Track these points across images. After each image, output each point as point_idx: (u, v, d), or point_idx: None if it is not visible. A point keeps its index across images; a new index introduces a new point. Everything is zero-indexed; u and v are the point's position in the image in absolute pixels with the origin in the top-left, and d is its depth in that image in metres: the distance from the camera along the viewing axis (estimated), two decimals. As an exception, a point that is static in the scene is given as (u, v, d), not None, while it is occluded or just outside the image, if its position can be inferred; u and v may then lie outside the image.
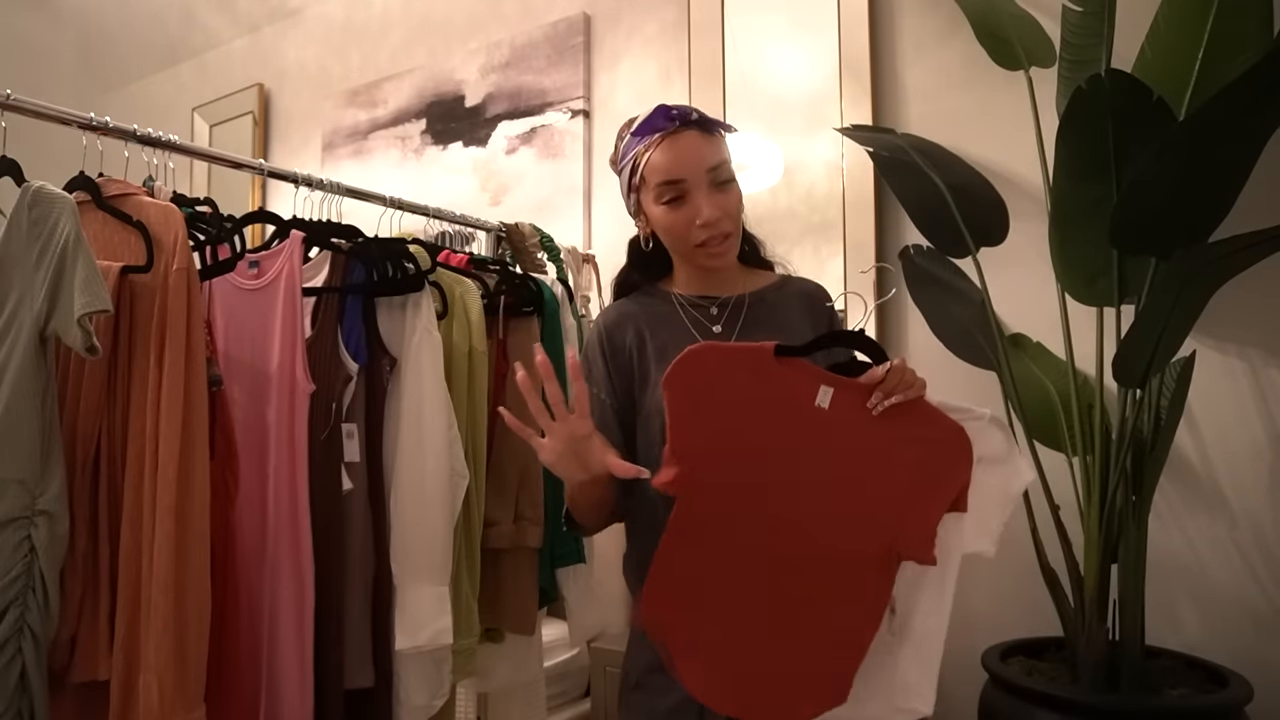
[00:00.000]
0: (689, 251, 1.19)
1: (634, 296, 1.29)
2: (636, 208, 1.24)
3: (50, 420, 1.19)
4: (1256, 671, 1.41)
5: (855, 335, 1.10)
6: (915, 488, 1.04)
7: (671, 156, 1.16)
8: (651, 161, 1.17)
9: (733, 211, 1.18)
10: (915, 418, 1.05)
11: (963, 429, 1.05)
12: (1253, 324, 1.57)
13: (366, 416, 1.53)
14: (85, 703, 1.24)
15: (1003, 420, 1.08)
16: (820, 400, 1.05)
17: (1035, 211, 1.68)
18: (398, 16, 3.02)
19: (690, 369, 1.05)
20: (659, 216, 1.19)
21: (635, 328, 1.24)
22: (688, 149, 1.16)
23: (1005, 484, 1.09)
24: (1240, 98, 1.15)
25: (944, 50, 1.90)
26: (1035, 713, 1.35)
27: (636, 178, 1.21)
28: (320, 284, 1.57)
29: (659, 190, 1.17)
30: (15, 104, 1.33)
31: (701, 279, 1.25)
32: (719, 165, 1.17)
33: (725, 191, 1.17)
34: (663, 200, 1.17)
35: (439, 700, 1.54)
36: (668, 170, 1.16)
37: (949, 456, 1.05)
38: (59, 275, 1.17)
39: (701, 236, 1.16)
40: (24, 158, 1.30)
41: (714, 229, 1.16)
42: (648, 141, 1.18)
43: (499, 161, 2.71)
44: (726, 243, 1.18)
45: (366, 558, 1.48)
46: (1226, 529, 1.58)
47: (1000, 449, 1.07)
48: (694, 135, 1.16)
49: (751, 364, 1.05)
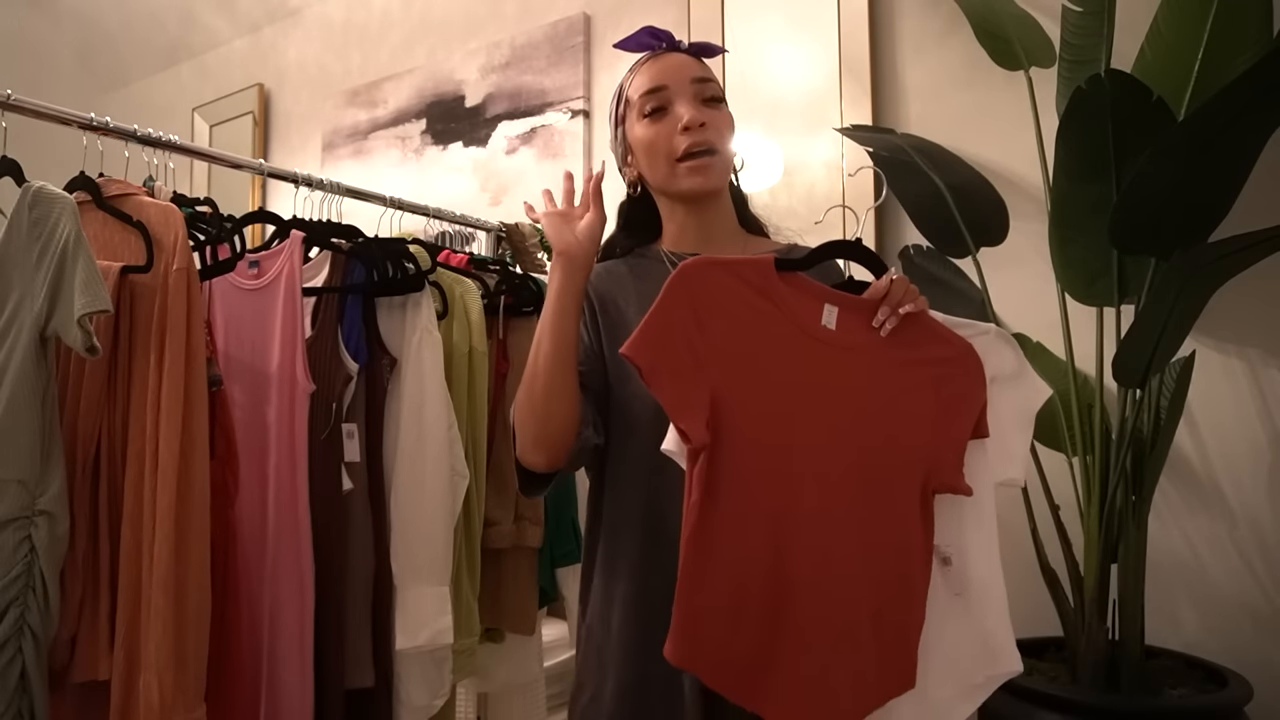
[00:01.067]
0: (670, 171, 1.09)
1: (622, 258, 1.18)
2: (624, 149, 1.16)
3: (50, 420, 1.19)
4: (1256, 671, 1.41)
5: (852, 245, 1.01)
6: (938, 411, 0.95)
7: (655, 69, 1.11)
8: (635, 83, 1.12)
9: (721, 129, 1.09)
10: (925, 336, 0.97)
11: (972, 346, 0.98)
12: (1253, 324, 1.57)
13: (366, 416, 1.53)
14: (85, 703, 1.24)
15: (1008, 334, 1.01)
16: (826, 320, 0.96)
17: (1035, 211, 1.68)
18: (398, 16, 3.02)
19: (693, 283, 0.93)
20: (641, 135, 1.10)
21: (621, 285, 1.13)
22: (672, 61, 1.11)
23: (1023, 402, 1.01)
24: (1240, 98, 1.15)
25: (944, 50, 1.90)
26: (1035, 713, 1.35)
27: (622, 105, 1.14)
28: (320, 284, 1.57)
29: (641, 102, 1.10)
30: (15, 104, 1.33)
31: (694, 229, 1.14)
32: (707, 80, 1.10)
33: (713, 108, 1.09)
34: (645, 114, 1.10)
35: (439, 700, 1.54)
36: (650, 79, 1.10)
37: (966, 375, 0.97)
38: (59, 275, 1.17)
39: (683, 144, 1.07)
40: (24, 158, 1.30)
41: (697, 134, 1.06)
42: (633, 65, 1.14)
43: (499, 161, 2.71)
44: (712, 159, 1.08)
45: (366, 558, 1.48)
46: (1226, 529, 1.58)
47: (1012, 365, 1.00)
48: (680, 55, 1.12)
49: (754, 279, 0.95)
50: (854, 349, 0.96)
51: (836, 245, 1.03)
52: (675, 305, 0.92)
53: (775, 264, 0.96)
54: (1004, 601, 0.98)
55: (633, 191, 1.18)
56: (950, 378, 0.96)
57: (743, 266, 0.96)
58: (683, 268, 0.94)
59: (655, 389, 0.91)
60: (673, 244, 1.15)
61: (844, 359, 0.95)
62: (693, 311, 0.92)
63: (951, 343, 0.97)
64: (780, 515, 0.91)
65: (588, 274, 1.04)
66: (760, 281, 0.95)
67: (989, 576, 0.98)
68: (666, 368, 0.91)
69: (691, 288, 0.93)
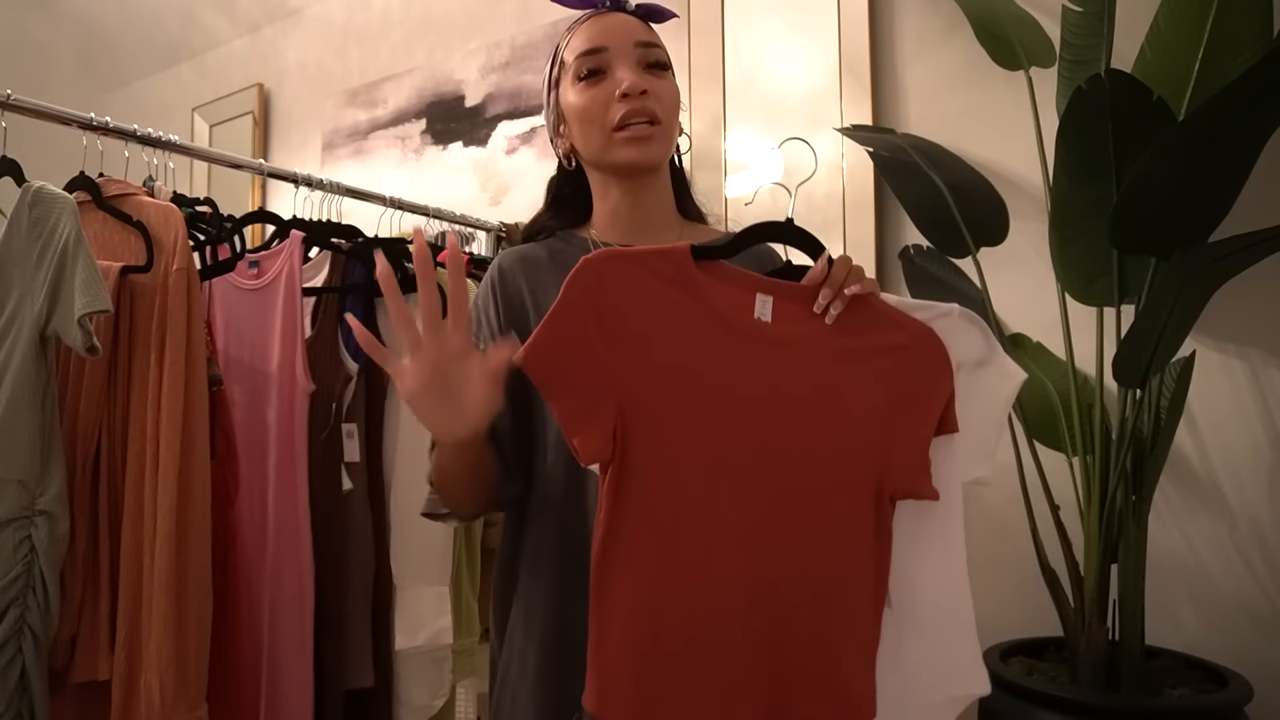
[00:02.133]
0: (606, 141, 0.97)
1: (543, 240, 1.05)
2: (556, 116, 1.04)
3: (50, 420, 1.19)
4: (1256, 671, 1.41)
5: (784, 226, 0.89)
6: (893, 407, 0.84)
7: (594, 29, 0.99)
8: (572, 44, 1.00)
9: (666, 98, 0.98)
10: (875, 322, 0.86)
11: (933, 330, 0.87)
12: (1253, 324, 1.57)
13: (366, 416, 1.53)
14: (85, 703, 1.24)
15: (974, 314, 0.89)
16: (760, 312, 0.84)
17: (1035, 211, 1.68)
18: (398, 16, 3.02)
19: (590, 285, 0.81)
20: (574, 102, 0.99)
21: (536, 276, 1.00)
22: (614, 21, 1.00)
23: (993, 389, 0.90)
24: (1240, 98, 1.14)
25: (944, 50, 1.90)
26: (1035, 713, 1.35)
27: (556, 69, 1.03)
28: (320, 284, 1.57)
29: (577, 64, 0.98)
30: (15, 104, 1.33)
31: (627, 215, 1.02)
32: (652, 44, 1.00)
33: (657, 76, 0.98)
34: (580, 77, 0.98)
35: (439, 700, 1.54)
36: (588, 40, 0.99)
37: (924, 365, 0.86)
38: (59, 275, 1.17)
39: (620, 112, 0.95)
40: (24, 158, 1.30)
41: (635, 102, 0.95)
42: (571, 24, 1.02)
43: (499, 161, 2.71)
44: (653, 130, 0.96)
45: (366, 558, 1.48)
46: (1226, 529, 1.58)
47: (980, 348, 0.89)
48: (625, 16, 1.01)
49: (669, 272, 0.83)
50: (792, 343, 0.85)
51: (762, 227, 0.90)
52: (574, 307, 0.81)
53: (692, 252, 0.85)
54: (970, 617, 0.89)
55: (566, 165, 1.06)
56: (906, 367, 0.85)
57: (652, 258, 0.84)
58: (582, 264, 0.82)
59: (550, 401, 0.81)
60: (603, 229, 1.04)
61: (780, 355, 0.84)
62: (594, 313, 0.81)
63: (907, 328, 0.86)
64: (699, 540, 0.81)
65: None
66: (675, 274, 0.84)
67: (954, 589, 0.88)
68: (564, 379, 0.81)
69: (592, 286, 0.82)
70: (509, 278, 1.01)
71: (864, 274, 0.86)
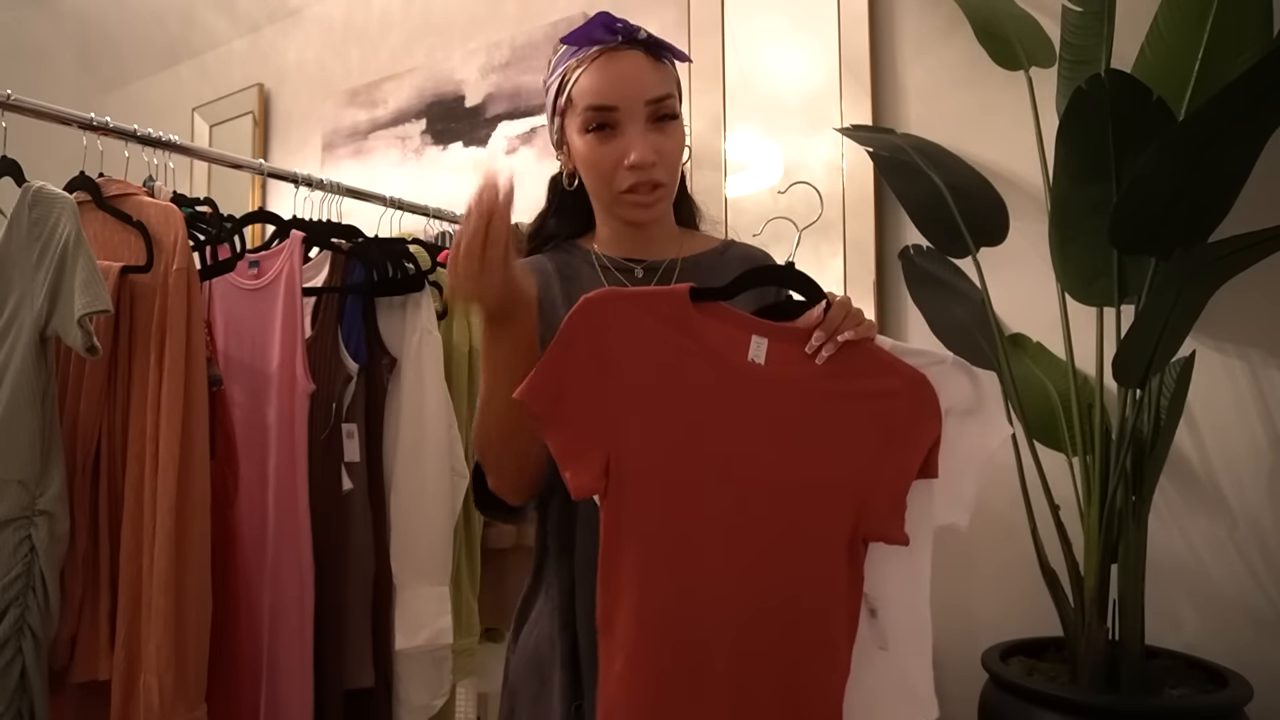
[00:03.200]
0: (611, 198, 1.00)
1: (549, 252, 1.09)
2: (560, 136, 1.05)
3: (50, 420, 1.19)
4: (1256, 671, 1.41)
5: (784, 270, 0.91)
6: (878, 451, 0.87)
7: (606, 78, 0.97)
8: (581, 83, 0.98)
9: (670, 158, 0.99)
10: (868, 366, 0.88)
11: (925, 377, 0.88)
12: (1253, 324, 1.57)
13: (366, 416, 1.53)
14: (85, 703, 1.25)
15: (967, 363, 0.92)
16: (754, 354, 0.87)
17: (1035, 211, 1.68)
18: (398, 16, 3.02)
19: (590, 323, 0.85)
20: (582, 149, 1.00)
21: (547, 285, 1.03)
22: (627, 72, 0.97)
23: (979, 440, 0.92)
24: (1240, 98, 1.14)
25: (944, 50, 1.90)
26: (1035, 713, 1.35)
27: (563, 99, 1.01)
28: (320, 284, 1.57)
29: (586, 116, 0.98)
30: (15, 104, 1.33)
31: (628, 238, 1.05)
32: (663, 98, 0.98)
33: (665, 131, 0.99)
34: (589, 129, 0.98)
35: (439, 700, 1.54)
36: (599, 93, 0.97)
37: (913, 410, 0.88)
38: (59, 275, 1.17)
39: (628, 181, 0.97)
40: (24, 158, 1.31)
41: (643, 174, 0.97)
42: (581, 56, 0.99)
43: (499, 161, 2.71)
44: (655, 194, 0.99)
45: (366, 558, 1.48)
46: (1226, 529, 1.58)
47: (969, 398, 0.91)
48: (638, 57, 0.98)
49: (667, 313, 0.86)
50: (785, 384, 0.87)
51: (762, 272, 0.94)
52: (574, 345, 0.85)
53: (690, 294, 0.87)
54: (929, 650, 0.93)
55: (568, 184, 1.07)
56: (895, 412, 0.87)
57: (653, 300, 0.87)
58: (583, 303, 0.86)
59: (546, 435, 0.85)
60: (605, 244, 1.07)
61: (772, 396, 0.87)
62: (593, 352, 0.85)
63: (899, 373, 0.88)
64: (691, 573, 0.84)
65: (531, 319, 0.91)
66: (672, 314, 0.86)
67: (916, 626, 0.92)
68: (559, 416, 0.85)
69: (593, 325, 0.85)
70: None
71: (862, 317, 0.88)
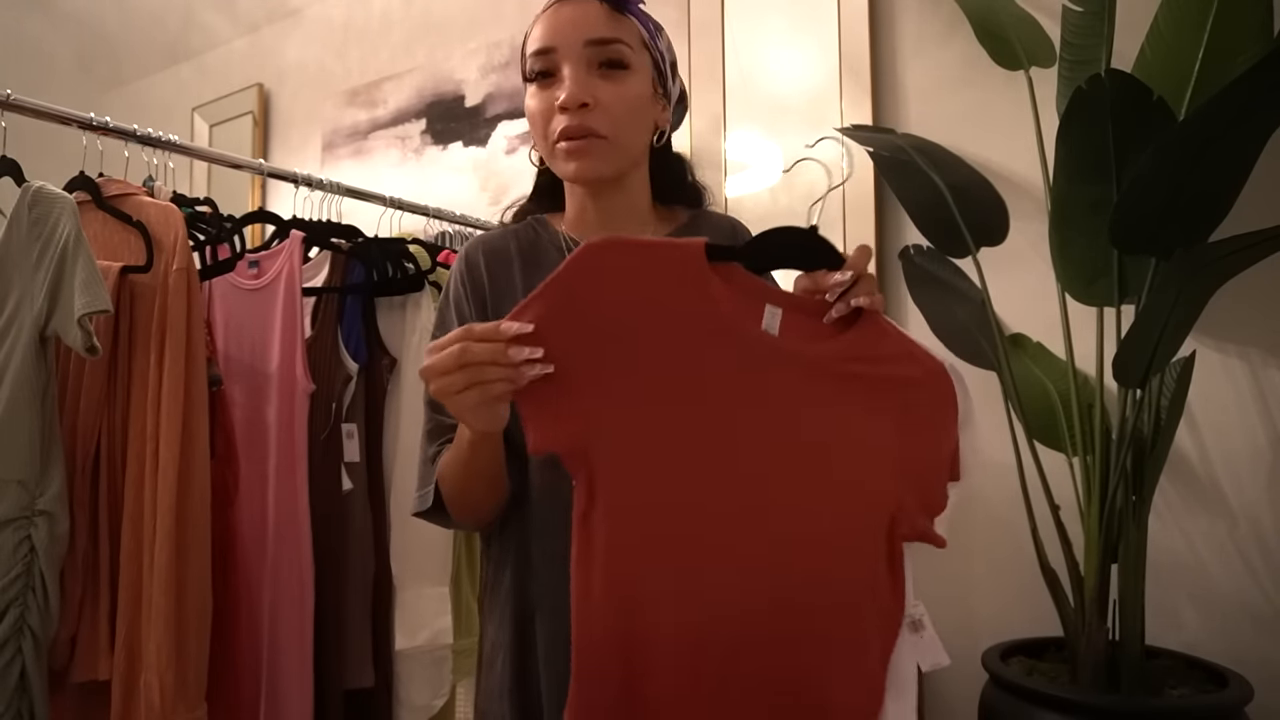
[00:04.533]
0: (549, 154, 0.92)
1: (514, 229, 1.01)
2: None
3: (50, 420, 1.19)
4: (1256, 671, 1.41)
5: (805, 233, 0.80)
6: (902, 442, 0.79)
7: (550, 23, 0.90)
8: (531, 34, 0.93)
9: (613, 108, 0.88)
10: (888, 349, 0.80)
11: (944, 368, 0.81)
12: (1253, 324, 1.57)
13: (366, 416, 1.53)
14: (85, 703, 1.25)
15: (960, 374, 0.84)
16: (768, 324, 0.78)
17: (1035, 211, 1.68)
18: (398, 16, 3.02)
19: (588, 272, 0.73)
20: (527, 104, 0.93)
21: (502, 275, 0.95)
22: (572, 15, 0.89)
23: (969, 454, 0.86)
24: (1240, 98, 1.14)
25: (944, 50, 1.90)
26: (1035, 713, 1.35)
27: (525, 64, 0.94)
28: (320, 284, 1.57)
29: (528, 65, 0.92)
30: (15, 104, 1.33)
31: (591, 213, 0.96)
32: (608, 41, 0.88)
33: (611, 79, 0.89)
34: (530, 79, 0.92)
35: (439, 700, 1.54)
36: (540, 37, 0.90)
37: (935, 403, 0.80)
38: (59, 275, 1.17)
39: (559, 126, 0.88)
40: (24, 158, 1.30)
41: (574, 116, 0.87)
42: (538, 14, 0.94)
43: (499, 161, 2.71)
44: (589, 144, 0.88)
45: (366, 558, 1.49)
46: (1226, 529, 1.58)
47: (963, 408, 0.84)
48: (591, 4, 0.89)
49: (679, 271, 0.75)
50: (798, 359, 0.78)
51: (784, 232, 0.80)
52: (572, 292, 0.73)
53: (706, 251, 0.77)
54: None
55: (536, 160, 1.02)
56: (919, 403, 0.80)
57: (665, 253, 0.76)
58: (585, 247, 0.74)
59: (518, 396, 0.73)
60: (571, 224, 0.99)
61: (785, 370, 0.77)
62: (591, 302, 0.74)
63: (921, 362, 0.80)
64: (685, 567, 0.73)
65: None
66: (686, 273, 0.76)
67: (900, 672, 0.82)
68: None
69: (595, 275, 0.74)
70: (474, 269, 0.96)
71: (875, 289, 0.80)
